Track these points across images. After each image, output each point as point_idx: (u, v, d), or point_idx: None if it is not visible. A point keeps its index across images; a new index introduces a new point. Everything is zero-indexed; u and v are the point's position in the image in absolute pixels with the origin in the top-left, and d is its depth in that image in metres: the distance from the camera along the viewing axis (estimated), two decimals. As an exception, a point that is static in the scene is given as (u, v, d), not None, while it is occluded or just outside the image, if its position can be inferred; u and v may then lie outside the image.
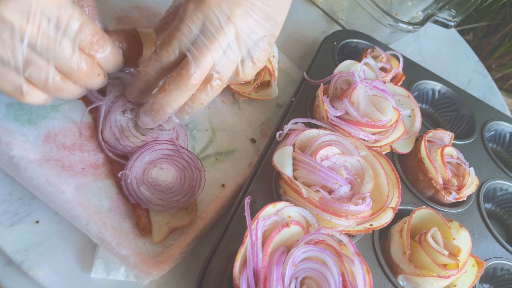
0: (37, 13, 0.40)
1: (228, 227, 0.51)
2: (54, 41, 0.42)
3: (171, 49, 0.48)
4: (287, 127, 0.60)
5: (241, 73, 0.51)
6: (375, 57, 0.75)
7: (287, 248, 0.45)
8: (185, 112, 0.52)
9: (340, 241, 0.45)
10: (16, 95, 0.44)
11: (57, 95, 0.46)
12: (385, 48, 0.81)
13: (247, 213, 0.43)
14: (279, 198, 0.55)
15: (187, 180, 0.55)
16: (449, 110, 0.84)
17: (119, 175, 0.52)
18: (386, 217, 0.53)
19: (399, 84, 0.76)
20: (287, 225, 0.45)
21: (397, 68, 0.75)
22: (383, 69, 0.74)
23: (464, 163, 0.65)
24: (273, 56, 0.67)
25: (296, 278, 0.43)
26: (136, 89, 0.52)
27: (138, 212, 0.51)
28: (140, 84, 0.51)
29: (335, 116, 0.60)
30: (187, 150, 0.56)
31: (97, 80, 0.48)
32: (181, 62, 0.48)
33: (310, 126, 0.61)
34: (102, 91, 0.57)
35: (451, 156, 0.66)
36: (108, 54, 0.47)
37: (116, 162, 0.54)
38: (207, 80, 0.49)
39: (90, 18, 0.44)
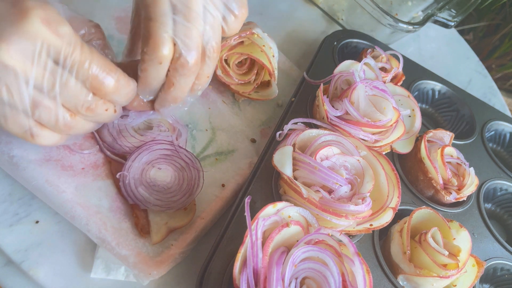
0: (42, 54, 0.38)
1: (228, 227, 0.51)
2: (61, 81, 0.40)
3: (157, 44, 0.45)
4: (287, 127, 0.60)
5: (226, 30, 0.50)
6: (375, 57, 0.75)
7: (287, 248, 0.45)
8: (196, 90, 0.51)
9: (340, 241, 0.45)
10: (27, 137, 0.42)
11: (69, 133, 0.44)
12: (385, 48, 0.81)
13: (247, 213, 0.43)
14: (279, 198, 0.55)
15: (186, 180, 0.55)
16: (449, 110, 0.84)
17: (117, 176, 0.52)
18: (386, 217, 0.53)
19: (399, 84, 0.76)
20: (287, 225, 0.45)
21: (397, 68, 0.75)
22: (383, 69, 0.74)
23: (464, 163, 0.65)
24: (273, 56, 0.67)
25: (296, 278, 0.43)
26: (147, 91, 0.51)
27: (136, 213, 0.51)
28: (147, 86, 0.49)
29: (335, 116, 0.60)
30: (186, 150, 0.56)
31: (108, 115, 0.46)
32: (173, 48, 0.46)
33: (310, 126, 0.61)
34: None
35: (451, 156, 0.66)
36: (118, 88, 0.45)
37: (115, 161, 0.54)
38: (203, 54, 0.48)
39: (98, 53, 0.42)
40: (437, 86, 0.83)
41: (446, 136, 0.70)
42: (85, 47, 0.41)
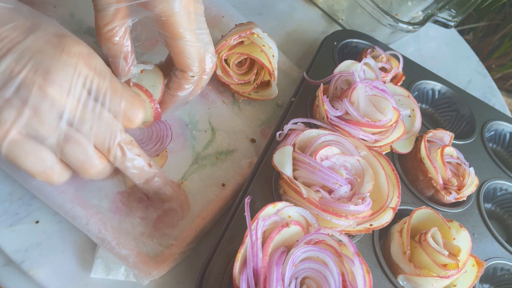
0: (78, 85, 0.38)
1: (228, 227, 0.51)
2: (93, 114, 0.39)
3: (193, 63, 0.48)
4: (287, 127, 0.60)
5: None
6: (375, 57, 0.75)
7: (287, 248, 0.45)
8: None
9: (340, 241, 0.45)
10: (45, 176, 0.40)
11: (90, 174, 0.42)
12: (385, 48, 0.81)
13: (247, 213, 0.43)
14: (279, 198, 0.55)
15: (155, 132, 0.57)
16: (449, 110, 0.84)
17: None
18: (386, 217, 0.53)
19: (399, 84, 0.76)
20: (287, 225, 0.45)
21: (397, 68, 0.75)
22: (383, 69, 0.74)
23: (464, 163, 0.65)
24: (273, 56, 0.67)
25: (296, 278, 0.43)
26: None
27: None
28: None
29: (335, 116, 0.60)
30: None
31: (136, 163, 0.45)
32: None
33: (310, 126, 0.62)
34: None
35: (451, 156, 0.66)
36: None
37: None
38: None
39: (126, 85, 0.43)
40: (437, 86, 0.83)
41: (446, 136, 0.70)
42: (114, 78, 0.41)
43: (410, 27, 0.82)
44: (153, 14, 0.44)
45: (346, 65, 0.67)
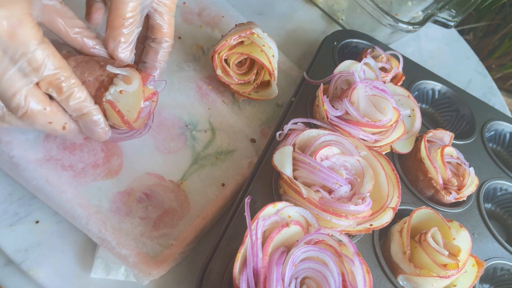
0: None
1: (228, 227, 0.51)
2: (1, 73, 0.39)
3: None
4: (287, 127, 0.60)
5: None
6: (375, 57, 0.75)
7: (287, 248, 0.45)
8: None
9: (340, 241, 0.45)
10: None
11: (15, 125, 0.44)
12: (385, 48, 0.81)
13: (247, 213, 0.43)
14: (279, 198, 0.55)
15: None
16: (449, 110, 0.84)
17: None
18: (386, 217, 0.53)
19: (399, 84, 0.76)
20: (287, 225, 0.45)
21: (397, 68, 0.75)
22: (383, 69, 0.74)
23: (464, 163, 0.65)
24: (273, 56, 0.67)
25: (296, 278, 0.43)
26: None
27: None
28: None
29: (335, 116, 0.60)
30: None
31: (53, 128, 0.45)
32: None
33: (310, 126, 0.61)
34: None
35: (451, 156, 0.66)
36: (73, 97, 0.44)
37: None
38: None
39: (57, 54, 0.42)
40: (437, 86, 0.83)
41: (446, 136, 0.70)
42: (50, 48, 0.41)
43: (410, 27, 0.82)
44: None
45: (346, 65, 0.67)
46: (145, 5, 0.51)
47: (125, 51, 0.52)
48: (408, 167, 0.67)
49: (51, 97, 0.44)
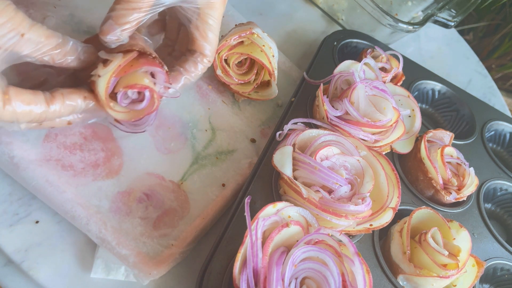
0: None
1: (228, 227, 0.51)
2: None
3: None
4: (287, 127, 0.60)
5: None
6: (375, 57, 0.76)
7: (287, 248, 0.45)
8: None
9: (340, 241, 0.45)
10: None
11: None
12: (385, 48, 0.81)
13: (247, 213, 0.43)
14: (279, 198, 0.55)
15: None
16: (449, 110, 0.84)
17: None
18: (386, 217, 0.53)
19: (399, 84, 0.76)
20: (287, 225, 0.45)
21: (397, 68, 0.75)
22: (383, 69, 0.74)
23: (464, 163, 0.65)
24: (273, 56, 0.67)
25: (296, 278, 0.43)
26: None
27: None
28: None
29: (335, 116, 0.60)
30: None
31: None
32: None
33: (310, 126, 0.62)
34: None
35: (451, 156, 0.66)
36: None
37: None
38: None
39: (23, 16, 0.40)
40: (437, 86, 0.83)
41: (446, 136, 0.70)
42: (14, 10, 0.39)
43: (410, 27, 0.82)
44: (193, 4, 0.50)
45: (346, 65, 0.67)
46: (161, 3, 0.48)
47: (111, 29, 0.47)
48: (408, 167, 0.67)
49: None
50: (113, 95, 0.49)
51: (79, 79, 0.51)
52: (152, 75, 0.50)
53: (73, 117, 0.49)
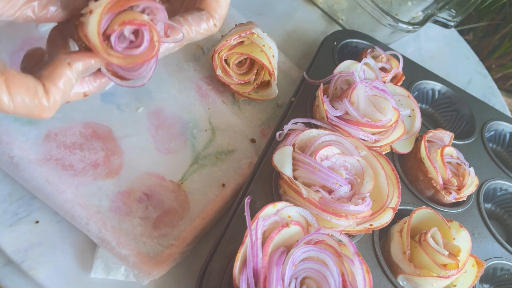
0: None
1: (228, 227, 0.51)
2: None
3: None
4: (287, 127, 0.60)
5: None
6: (375, 57, 0.76)
7: (287, 248, 0.45)
8: None
9: (340, 241, 0.45)
10: None
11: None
12: (385, 48, 0.81)
13: (247, 213, 0.43)
14: (279, 198, 0.55)
15: None
16: (449, 110, 0.84)
17: None
18: (386, 217, 0.53)
19: (399, 84, 0.76)
20: (287, 225, 0.45)
21: (397, 68, 0.75)
22: (383, 69, 0.74)
23: (464, 163, 0.65)
24: (273, 56, 0.67)
25: (296, 278, 0.43)
26: None
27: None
28: None
29: (335, 116, 0.60)
30: None
31: None
32: None
33: (310, 126, 0.62)
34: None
35: (451, 156, 0.66)
36: None
37: None
38: None
39: None
40: (437, 86, 0.83)
41: (446, 136, 0.70)
42: None
43: (410, 27, 0.82)
44: None
45: (346, 65, 0.67)
46: None
47: None
48: (408, 167, 0.67)
49: None
50: (107, 41, 0.41)
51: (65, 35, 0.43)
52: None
53: (88, 88, 0.42)
